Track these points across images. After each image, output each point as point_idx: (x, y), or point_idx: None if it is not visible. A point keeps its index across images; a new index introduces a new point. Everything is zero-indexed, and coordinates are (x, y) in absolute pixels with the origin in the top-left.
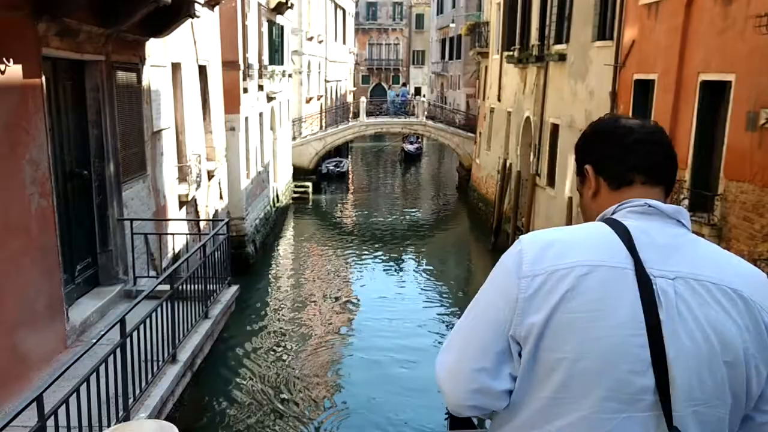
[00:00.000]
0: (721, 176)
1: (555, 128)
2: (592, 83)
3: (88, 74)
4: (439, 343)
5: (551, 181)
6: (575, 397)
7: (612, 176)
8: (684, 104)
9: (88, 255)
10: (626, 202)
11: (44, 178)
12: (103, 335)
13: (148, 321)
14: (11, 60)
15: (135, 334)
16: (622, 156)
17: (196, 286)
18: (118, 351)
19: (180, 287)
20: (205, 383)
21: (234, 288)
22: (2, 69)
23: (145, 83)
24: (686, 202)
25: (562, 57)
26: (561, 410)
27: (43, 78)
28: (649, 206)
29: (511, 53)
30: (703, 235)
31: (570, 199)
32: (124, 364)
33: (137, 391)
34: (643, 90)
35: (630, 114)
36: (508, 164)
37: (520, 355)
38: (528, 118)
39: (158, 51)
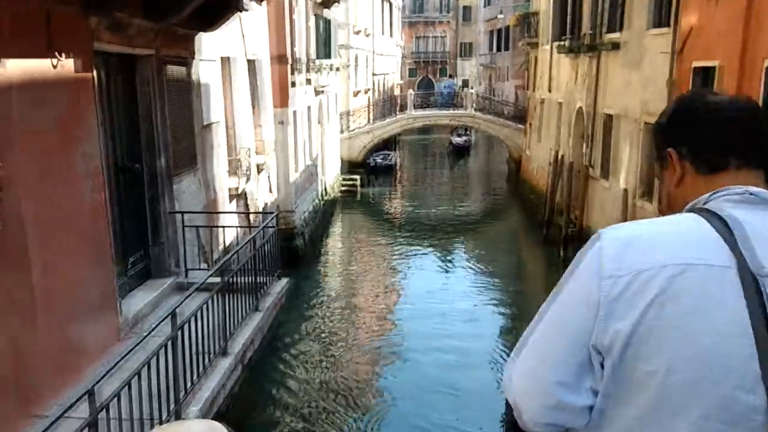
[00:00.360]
0: None
1: (608, 118)
2: (648, 72)
3: (138, 68)
4: (491, 343)
5: (605, 173)
6: (668, 416)
7: (701, 160)
8: (748, 90)
9: (140, 248)
10: (722, 189)
11: (97, 172)
12: (155, 328)
13: (199, 313)
14: (63, 54)
15: (186, 326)
16: (714, 136)
17: (246, 278)
18: (169, 344)
19: (230, 280)
20: (255, 376)
21: (284, 281)
22: (55, 63)
23: (195, 77)
24: None
25: (615, 46)
26: (650, 430)
27: (95, 72)
28: (751, 194)
29: (562, 43)
30: None
31: (625, 191)
32: (176, 357)
33: (188, 384)
34: (703, 77)
35: None
36: (560, 155)
37: (602, 366)
38: (580, 108)
39: (208, 45)
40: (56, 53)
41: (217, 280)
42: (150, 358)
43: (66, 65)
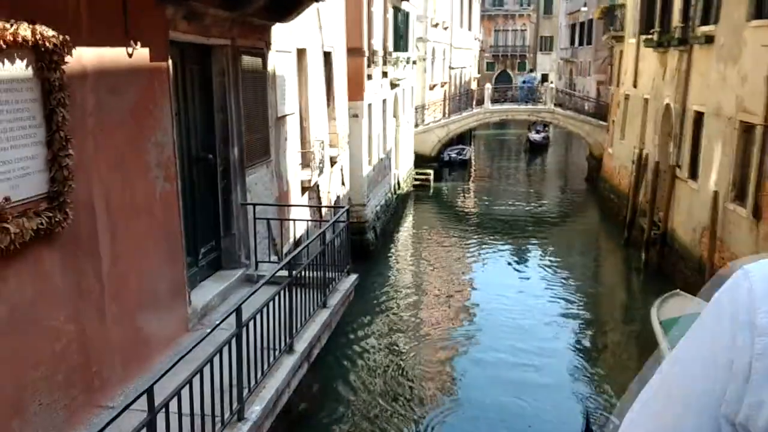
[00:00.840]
0: None
1: (699, 116)
2: (746, 67)
3: (214, 59)
4: (565, 349)
5: (693, 174)
6: None
7: None
8: None
9: (211, 238)
10: None
11: (169, 162)
12: (218, 326)
13: (265, 309)
14: (139, 43)
15: (252, 323)
16: None
17: (315, 273)
18: (233, 341)
19: (299, 275)
20: (320, 372)
21: (353, 277)
22: (130, 52)
23: (270, 68)
24: None
25: (709, 39)
26: None
27: (170, 62)
28: None
29: (649, 36)
30: None
31: (716, 193)
32: (240, 355)
33: (252, 383)
34: None
35: None
36: (644, 154)
37: None
38: (668, 105)
39: (283, 36)
40: (132, 42)
41: (286, 273)
42: (212, 355)
43: (141, 54)
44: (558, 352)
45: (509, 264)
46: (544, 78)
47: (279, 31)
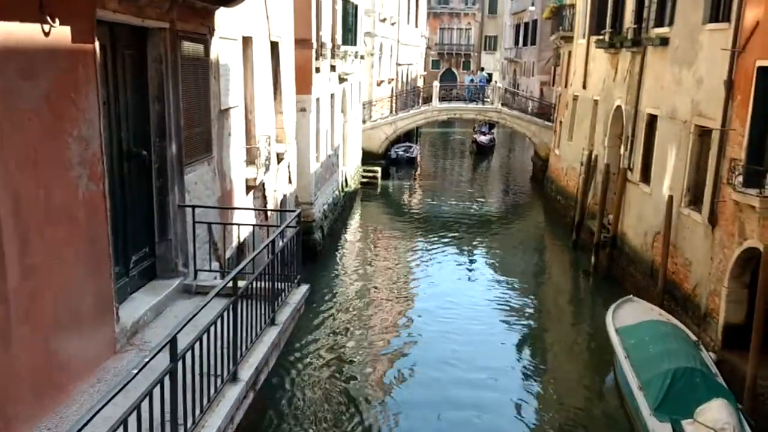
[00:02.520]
0: None
1: (652, 119)
2: (702, 70)
3: (150, 43)
4: (512, 354)
5: (645, 177)
6: None
7: None
8: None
9: (145, 245)
10: None
11: (95, 159)
12: (147, 363)
13: (205, 336)
14: (57, 20)
15: (189, 352)
16: None
17: (262, 283)
18: (167, 377)
19: (245, 289)
20: (264, 399)
21: (304, 288)
22: (46, 30)
23: (213, 56)
24: None
25: (664, 41)
26: None
27: (98, 44)
28: None
29: (600, 37)
30: None
31: (670, 198)
32: (174, 389)
33: (189, 423)
34: None
35: (750, 106)
36: (593, 156)
37: None
38: (619, 107)
39: (228, 22)
40: (49, 17)
41: (220, 285)
42: (141, 400)
43: (61, 33)
44: (505, 358)
45: (456, 266)
46: (489, 77)
47: (223, 17)
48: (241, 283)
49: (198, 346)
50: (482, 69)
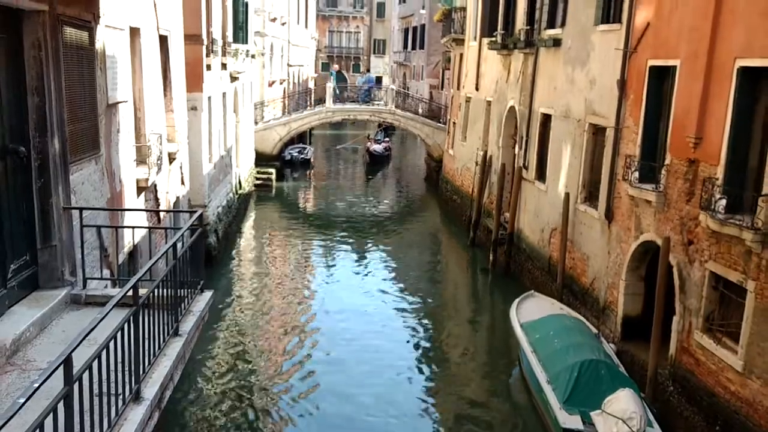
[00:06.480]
0: (767, 173)
1: (546, 119)
2: (595, 70)
3: (27, 27)
4: (413, 354)
5: (541, 175)
6: None
7: None
8: (717, 94)
9: (25, 252)
10: None
11: None
12: (36, 390)
13: (104, 353)
14: None
15: (86, 373)
16: None
17: (163, 291)
18: (60, 404)
19: (144, 297)
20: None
21: (208, 294)
22: None
23: (99, 46)
24: (723, 202)
25: (556, 42)
26: None
27: None
28: None
29: (492, 39)
30: (744, 242)
31: (567, 195)
32: (70, 419)
33: None
34: (659, 77)
35: (643, 104)
36: (488, 156)
37: None
38: (512, 107)
39: (115, 10)
40: None
41: (118, 294)
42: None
43: None
44: (406, 358)
45: (353, 267)
46: (379, 80)
47: (109, 4)
48: (142, 291)
49: (96, 364)
50: (368, 70)
